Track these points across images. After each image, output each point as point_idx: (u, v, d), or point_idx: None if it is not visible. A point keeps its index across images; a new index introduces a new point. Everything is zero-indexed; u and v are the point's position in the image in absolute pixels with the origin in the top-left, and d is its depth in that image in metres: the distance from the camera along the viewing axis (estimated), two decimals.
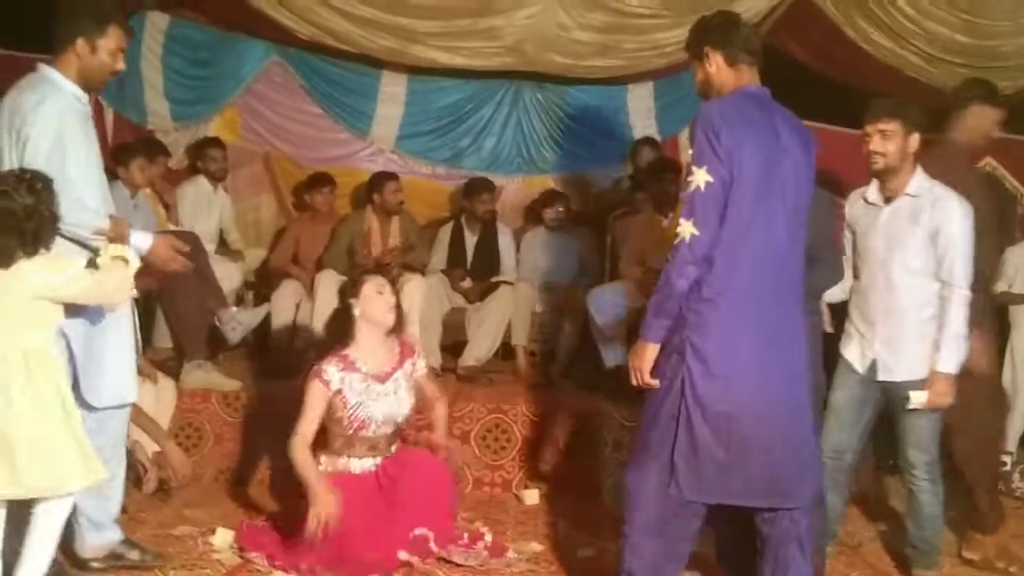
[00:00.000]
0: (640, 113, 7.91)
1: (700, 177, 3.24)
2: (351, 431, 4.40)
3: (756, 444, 3.31)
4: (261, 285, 7.06)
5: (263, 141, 7.75)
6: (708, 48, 3.50)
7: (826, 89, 7.13)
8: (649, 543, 3.43)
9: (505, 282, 6.90)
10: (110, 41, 3.83)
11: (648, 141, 7.37)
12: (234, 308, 6.28)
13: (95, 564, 4.03)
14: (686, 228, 3.25)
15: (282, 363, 6.31)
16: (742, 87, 3.44)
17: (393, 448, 4.54)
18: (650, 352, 3.40)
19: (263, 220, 7.76)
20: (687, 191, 3.28)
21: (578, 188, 7.86)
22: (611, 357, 6.08)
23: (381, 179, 6.85)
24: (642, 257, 6.08)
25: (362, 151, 7.87)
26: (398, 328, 4.59)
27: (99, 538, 4.04)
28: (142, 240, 3.87)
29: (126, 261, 3.62)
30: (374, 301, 4.47)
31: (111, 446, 3.93)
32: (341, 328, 4.53)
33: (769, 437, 3.32)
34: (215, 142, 7.16)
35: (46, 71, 3.81)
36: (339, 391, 4.37)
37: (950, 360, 4.08)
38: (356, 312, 4.47)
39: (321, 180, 7.11)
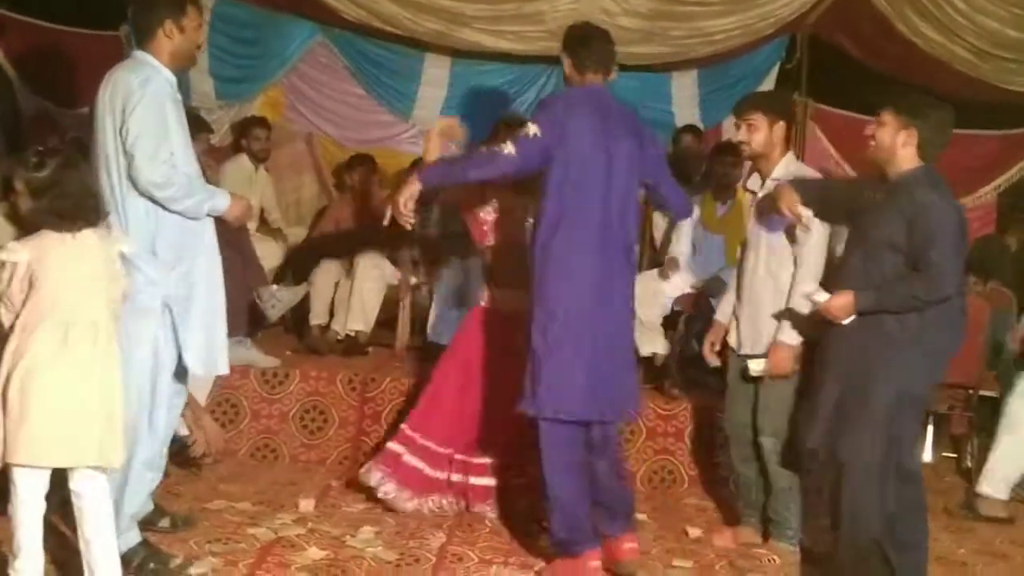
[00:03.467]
0: (684, 101, 7.87)
1: (530, 129, 3.97)
2: None
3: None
4: (301, 264, 7.09)
5: (306, 121, 7.79)
6: (564, 53, 4.19)
7: (878, 83, 7.08)
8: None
9: None
10: (191, 20, 3.96)
11: (691, 129, 7.33)
12: (274, 286, 6.32)
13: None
14: (507, 147, 3.97)
15: (318, 342, 6.37)
16: (586, 86, 4.14)
17: None
18: (411, 189, 4.07)
19: (304, 200, 7.81)
20: (518, 135, 3.99)
21: None
22: (647, 348, 6.06)
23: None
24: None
25: (404, 133, 7.88)
26: None
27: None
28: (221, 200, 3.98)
29: None
30: None
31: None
32: None
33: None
34: (260, 121, 7.20)
35: (143, 56, 3.90)
36: None
37: (788, 331, 4.32)
38: None
39: (360, 161, 7.14)
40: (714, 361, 4.74)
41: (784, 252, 4.38)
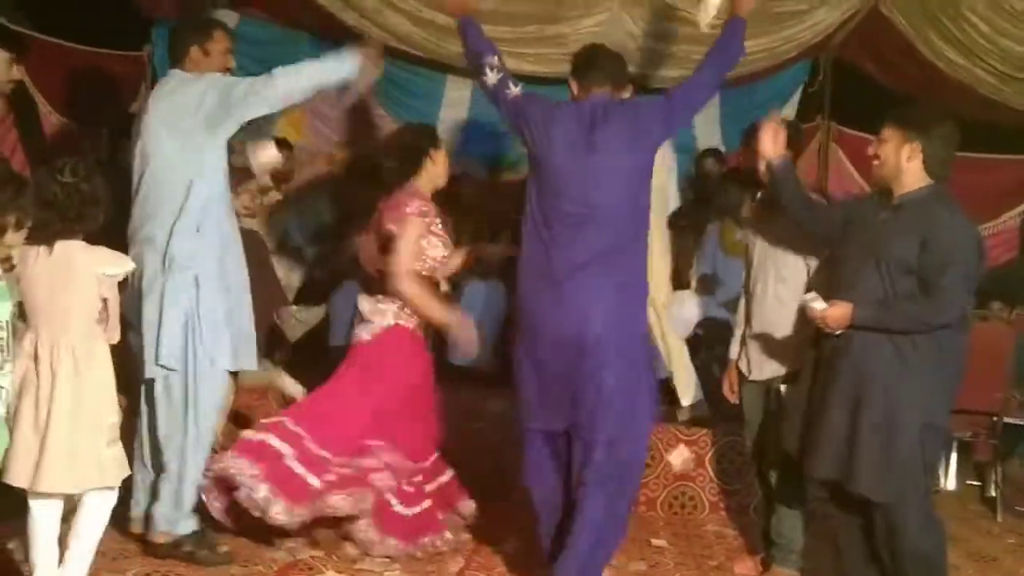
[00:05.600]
0: (706, 124, 7.84)
1: (518, 90, 4.18)
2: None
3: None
4: (321, 285, 7.09)
5: (327, 142, 7.79)
6: (571, 77, 4.17)
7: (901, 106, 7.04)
8: None
9: None
10: (217, 43, 4.26)
11: (712, 152, 7.31)
12: (294, 307, 6.32)
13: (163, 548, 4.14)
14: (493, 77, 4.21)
15: (338, 362, 6.35)
16: (585, 98, 4.06)
17: None
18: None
19: (324, 220, 7.80)
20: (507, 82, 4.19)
21: None
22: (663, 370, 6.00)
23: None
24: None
25: None
26: None
27: (170, 524, 4.14)
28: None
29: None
30: None
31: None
32: None
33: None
34: (283, 143, 7.19)
35: (180, 73, 4.19)
36: None
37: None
38: None
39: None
40: (734, 399, 4.70)
41: (796, 279, 4.34)
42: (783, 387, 4.39)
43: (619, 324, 3.88)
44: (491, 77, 4.18)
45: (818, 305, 3.79)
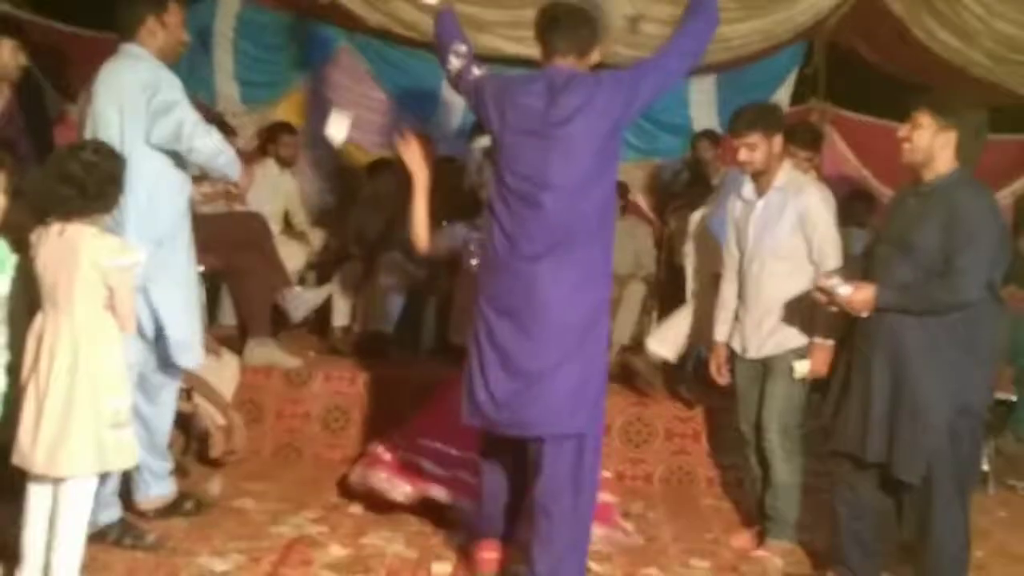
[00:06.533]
0: (702, 106, 7.91)
1: (481, 72, 4.04)
2: None
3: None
4: (324, 266, 7.18)
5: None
6: (536, 39, 4.04)
7: (895, 88, 7.10)
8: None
9: None
10: (173, 15, 4.09)
11: (708, 134, 7.37)
12: (298, 288, 6.40)
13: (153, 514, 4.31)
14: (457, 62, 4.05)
15: (341, 342, 6.45)
16: (548, 67, 3.92)
17: None
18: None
19: (328, 203, 7.87)
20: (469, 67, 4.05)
21: (637, 179, 7.89)
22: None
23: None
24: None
25: None
26: None
27: (159, 489, 4.30)
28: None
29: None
30: None
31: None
32: None
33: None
34: (287, 127, 7.25)
35: (135, 49, 4.02)
36: None
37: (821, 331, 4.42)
38: None
39: (381, 165, 7.20)
40: (723, 381, 4.79)
41: (793, 258, 4.47)
42: (796, 363, 4.46)
43: (574, 308, 3.69)
44: (455, 63, 4.04)
45: (843, 290, 3.85)
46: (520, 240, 3.70)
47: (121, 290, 3.52)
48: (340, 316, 6.63)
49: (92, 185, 3.48)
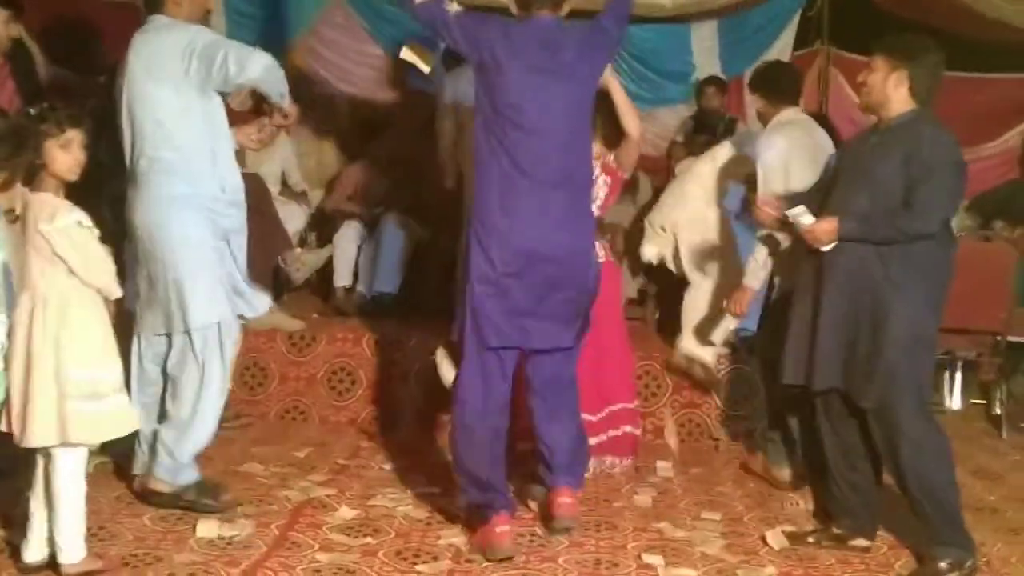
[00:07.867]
0: (704, 52, 7.79)
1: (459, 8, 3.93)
2: None
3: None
4: (324, 226, 7.12)
5: (326, 83, 7.75)
6: None
7: (899, 29, 6.96)
8: None
9: None
10: None
11: (713, 81, 7.28)
12: (298, 249, 6.36)
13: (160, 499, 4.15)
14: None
15: (344, 303, 6.41)
16: (530, 18, 3.92)
17: None
18: None
19: (325, 162, 7.80)
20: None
21: (646, 132, 7.76)
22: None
23: None
24: None
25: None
26: None
27: (173, 474, 4.13)
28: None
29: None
30: None
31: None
32: None
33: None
34: None
35: (163, 19, 4.04)
36: None
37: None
38: None
39: (383, 125, 7.13)
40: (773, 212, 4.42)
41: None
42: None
43: (575, 241, 3.93)
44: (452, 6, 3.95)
45: (805, 220, 3.87)
46: (527, 175, 3.82)
47: (76, 255, 3.35)
48: (342, 277, 6.58)
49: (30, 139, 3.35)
